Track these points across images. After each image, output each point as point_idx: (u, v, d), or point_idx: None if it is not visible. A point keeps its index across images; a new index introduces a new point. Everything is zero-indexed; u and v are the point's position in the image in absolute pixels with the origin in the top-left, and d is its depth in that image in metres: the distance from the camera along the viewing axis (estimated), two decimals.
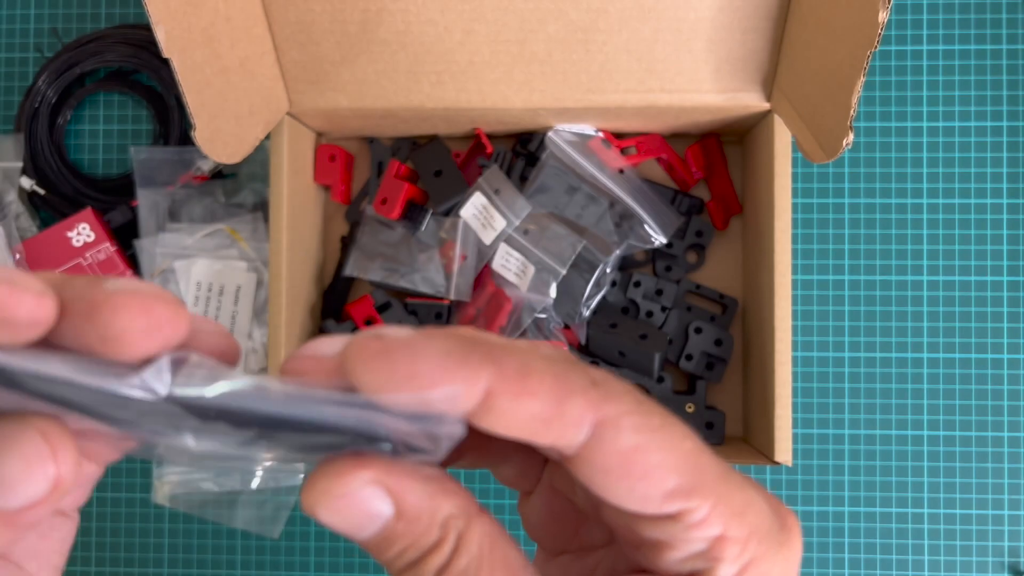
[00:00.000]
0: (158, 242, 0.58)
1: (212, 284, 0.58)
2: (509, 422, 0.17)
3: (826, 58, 0.40)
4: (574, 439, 0.17)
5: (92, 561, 0.61)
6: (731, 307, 0.56)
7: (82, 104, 0.62)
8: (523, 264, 0.53)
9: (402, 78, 0.49)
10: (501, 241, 0.54)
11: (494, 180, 0.55)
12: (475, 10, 0.46)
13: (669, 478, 0.18)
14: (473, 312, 0.55)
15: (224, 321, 0.58)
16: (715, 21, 0.46)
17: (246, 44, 0.45)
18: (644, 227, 0.54)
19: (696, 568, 0.19)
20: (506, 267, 0.54)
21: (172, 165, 0.59)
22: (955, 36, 0.59)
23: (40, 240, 0.58)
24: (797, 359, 0.59)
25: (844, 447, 0.58)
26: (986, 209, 0.59)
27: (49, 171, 0.60)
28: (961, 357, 0.58)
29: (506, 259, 0.54)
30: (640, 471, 0.18)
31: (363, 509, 0.17)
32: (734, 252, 0.58)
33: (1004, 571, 0.57)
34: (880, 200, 0.59)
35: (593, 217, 0.55)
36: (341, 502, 0.17)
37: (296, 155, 0.53)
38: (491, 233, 0.55)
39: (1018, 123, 0.59)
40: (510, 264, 0.54)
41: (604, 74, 0.48)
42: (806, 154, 0.44)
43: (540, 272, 0.53)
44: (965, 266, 0.58)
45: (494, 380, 0.16)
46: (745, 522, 0.19)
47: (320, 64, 0.49)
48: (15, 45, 0.63)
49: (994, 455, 0.58)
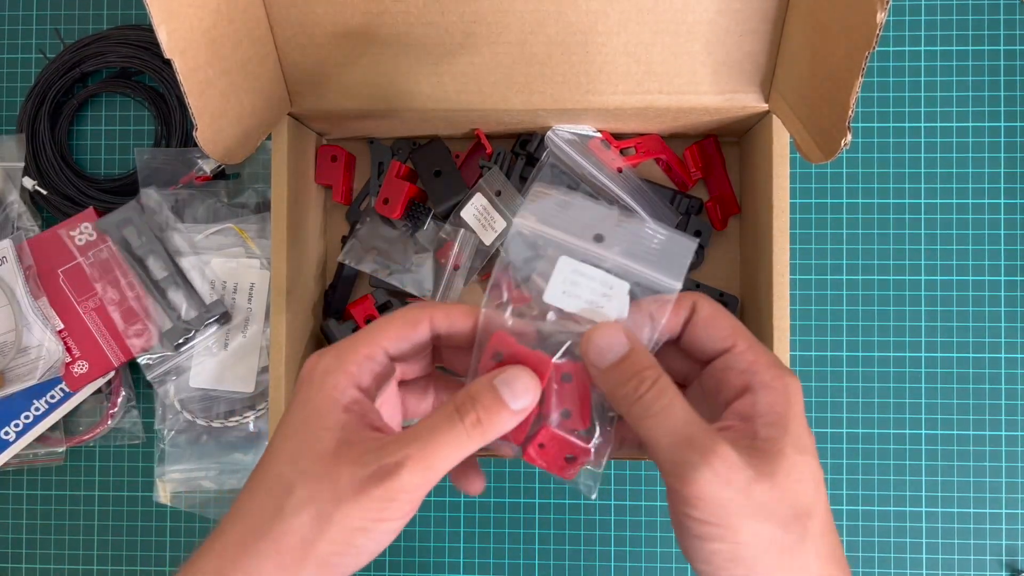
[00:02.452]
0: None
1: (227, 282, 0.59)
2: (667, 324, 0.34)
3: (824, 59, 0.41)
4: (685, 315, 0.34)
5: (94, 560, 0.61)
6: (731, 305, 0.56)
7: (84, 105, 0.62)
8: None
9: (403, 79, 0.49)
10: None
11: (495, 181, 0.55)
12: (475, 12, 0.46)
13: (726, 328, 0.34)
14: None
15: (239, 318, 0.59)
16: (713, 23, 0.46)
17: (248, 45, 0.45)
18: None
19: (746, 381, 0.32)
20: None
21: (174, 166, 0.59)
22: (953, 37, 0.59)
23: (42, 239, 0.59)
24: (796, 359, 0.59)
25: (843, 447, 0.59)
26: (984, 209, 0.59)
27: (51, 171, 0.60)
28: (960, 357, 0.58)
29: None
30: (713, 325, 0.34)
31: (615, 338, 0.32)
32: (732, 252, 0.58)
33: (1003, 570, 0.58)
34: (878, 200, 0.59)
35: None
36: (604, 330, 0.32)
37: (297, 155, 0.53)
38: (491, 234, 0.55)
39: (1016, 124, 0.59)
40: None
41: (603, 75, 0.49)
42: (804, 155, 0.44)
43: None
44: (964, 266, 0.59)
45: (650, 307, 0.34)
46: (768, 357, 0.33)
47: (321, 65, 0.49)
48: (18, 46, 0.63)
49: (992, 454, 0.58)
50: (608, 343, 0.32)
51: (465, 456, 0.32)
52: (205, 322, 0.57)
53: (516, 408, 0.32)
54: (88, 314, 0.58)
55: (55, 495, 0.62)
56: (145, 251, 0.58)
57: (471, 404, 0.32)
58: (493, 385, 0.32)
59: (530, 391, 0.32)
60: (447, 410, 0.32)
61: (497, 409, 0.32)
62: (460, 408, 0.32)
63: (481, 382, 0.33)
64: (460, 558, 0.60)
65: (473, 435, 0.31)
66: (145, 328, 0.58)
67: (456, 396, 0.33)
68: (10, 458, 0.59)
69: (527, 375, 0.33)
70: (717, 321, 0.34)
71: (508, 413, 0.32)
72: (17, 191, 0.60)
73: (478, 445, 0.32)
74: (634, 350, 0.32)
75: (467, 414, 0.32)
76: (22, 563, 0.61)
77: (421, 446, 0.31)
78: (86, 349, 0.58)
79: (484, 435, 0.32)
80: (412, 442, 0.31)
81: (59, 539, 0.61)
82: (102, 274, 0.58)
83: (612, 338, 0.32)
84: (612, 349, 0.32)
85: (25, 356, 0.58)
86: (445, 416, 0.32)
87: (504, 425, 0.32)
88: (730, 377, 0.33)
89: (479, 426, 0.32)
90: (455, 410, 0.32)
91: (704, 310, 0.34)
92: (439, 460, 0.31)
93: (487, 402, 0.32)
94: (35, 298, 0.58)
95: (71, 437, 0.61)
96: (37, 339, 0.57)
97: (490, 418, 0.32)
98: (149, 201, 0.58)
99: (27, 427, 0.58)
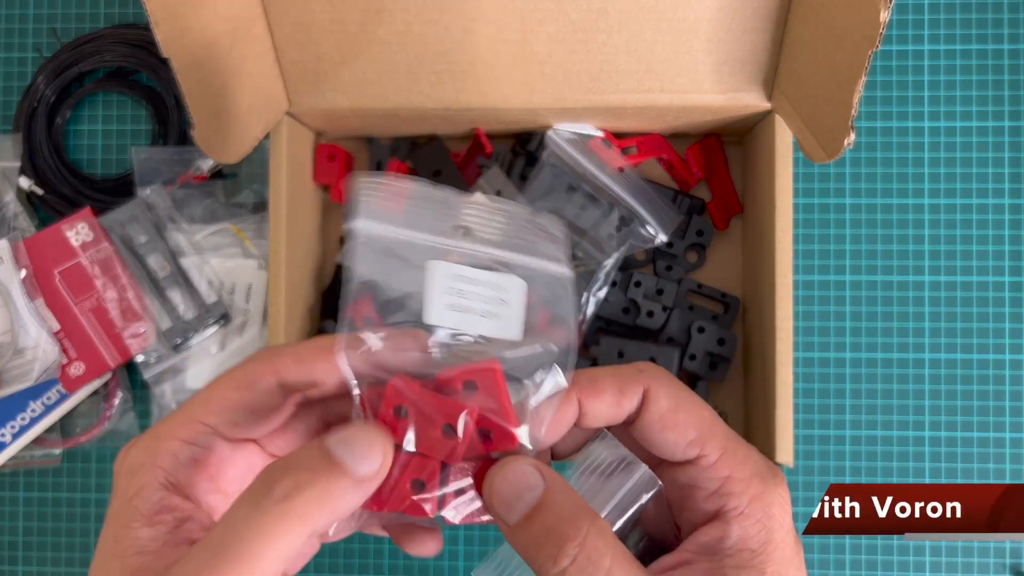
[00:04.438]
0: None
1: (224, 282, 0.58)
2: (596, 415, 0.26)
3: (827, 58, 0.40)
4: (630, 408, 0.26)
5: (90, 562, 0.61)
6: (733, 306, 0.56)
7: (81, 104, 0.62)
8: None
9: (402, 78, 0.49)
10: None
11: (495, 181, 0.55)
12: (475, 10, 0.46)
13: (690, 431, 0.26)
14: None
15: (236, 319, 0.59)
16: (715, 21, 0.46)
17: (245, 44, 0.45)
18: (645, 227, 0.54)
19: (718, 506, 0.26)
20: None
21: (171, 165, 0.59)
22: (956, 36, 0.59)
23: (39, 239, 0.58)
24: (797, 359, 0.58)
25: (845, 448, 0.58)
26: (987, 209, 0.58)
27: (47, 171, 0.60)
28: (962, 357, 0.58)
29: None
30: (671, 425, 0.26)
31: (525, 480, 0.24)
32: (734, 252, 0.57)
33: (1005, 572, 0.57)
34: (881, 200, 0.59)
35: (593, 218, 0.54)
36: (510, 470, 0.24)
37: (295, 155, 0.53)
38: None
39: (1019, 123, 0.58)
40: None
41: (604, 74, 0.48)
42: (807, 154, 0.43)
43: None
44: (966, 266, 0.58)
45: (580, 394, 0.26)
46: (747, 467, 0.26)
47: (319, 64, 0.49)
48: (14, 45, 0.63)
49: (995, 455, 0.58)
50: (514, 489, 0.24)
51: (288, 547, 0.22)
52: (205, 323, 0.57)
53: (360, 474, 0.23)
54: (85, 315, 0.58)
55: (51, 496, 0.61)
56: (148, 249, 0.58)
57: (283, 470, 0.23)
58: (323, 445, 0.24)
59: (375, 451, 0.24)
60: (251, 488, 0.23)
61: (327, 472, 0.23)
62: (268, 479, 0.23)
63: (305, 447, 0.24)
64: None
65: (287, 511, 0.22)
66: (144, 327, 0.58)
67: (265, 468, 0.24)
68: (6, 460, 0.59)
69: (371, 431, 0.24)
70: (677, 420, 0.26)
71: (344, 481, 0.23)
72: (13, 191, 0.60)
73: (301, 528, 0.22)
74: (551, 493, 0.24)
75: (276, 484, 0.22)
76: (19, 565, 0.61)
77: (211, 555, 0.21)
78: (82, 350, 0.58)
79: (307, 512, 0.22)
80: (201, 553, 0.22)
81: (55, 541, 0.61)
82: (102, 272, 0.58)
83: (520, 480, 0.24)
84: (521, 497, 0.24)
85: (21, 357, 0.57)
86: (247, 497, 0.23)
87: (341, 499, 0.23)
88: (695, 496, 0.26)
89: (294, 497, 0.22)
90: (260, 484, 0.23)
91: (659, 404, 0.26)
92: (242, 566, 0.21)
93: (309, 464, 0.23)
94: (31, 299, 0.57)
95: (67, 439, 0.60)
96: (33, 340, 0.57)
97: (313, 484, 0.22)
98: (153, 199, 0.58)
99: (23, 429, 0.58)
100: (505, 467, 0.25)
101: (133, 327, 0.58)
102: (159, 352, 0.58)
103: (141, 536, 0.24)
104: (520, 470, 0.25)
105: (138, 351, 0.58)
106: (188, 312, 0.57)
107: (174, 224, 0.58)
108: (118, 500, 0.25)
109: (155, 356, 0.58)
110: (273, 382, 0.26)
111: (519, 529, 0.24)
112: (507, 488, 0.24)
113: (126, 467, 0.25)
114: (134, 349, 0.58)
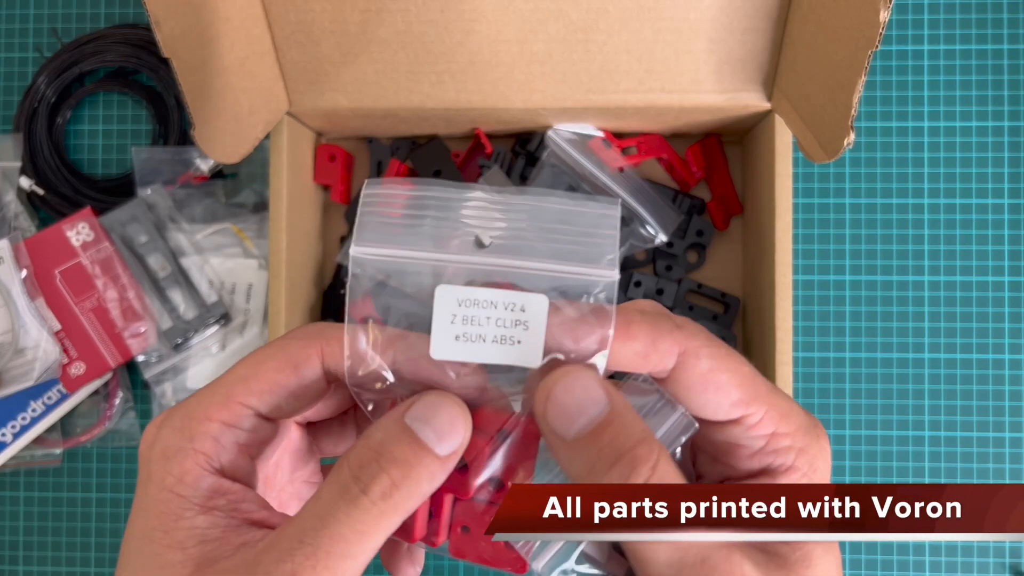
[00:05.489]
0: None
1: (224, 282, 0.58)
2: (620, 359, 0.23)
3: (827, 58, 0.40)
4: (666, 366, 0.24)
5: (91, 562, 0.61)
6: (733, 306, 0.56)
7: (81, 104, 0.62)
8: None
9: (402, 78, 0.49)
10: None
11: (495, 181, 0.55)
12: (475, 10, 0.46)
13: (733, 391, 0.24)
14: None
15: (237, 319, 0.59)
16: (716, 21, 0.46)
17: (246, 44, 0.45)
18: (645, 227, 0.54)
19: (763, 464, 0.24)
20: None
21: (172, 165, 0.59)
22: (956, 36, 0.59)
23: (39, 239, 0.58)
24: (797, 359, 0.58)
25: (845, 448, 0.58)
26: (987, 209, 0.58)
27: (48, 171, 0.60)
28: (962, 357, 0.58)
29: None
30: (713, 387, 0.24)
31: (589, 394, 0.22)
32: (734, 252, 0.57)
33: (1005, 572, 0.57)
34: (881, 200, 0.59)
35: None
36: (573, 381, 0.22)
37: (296, 155, 0.53)
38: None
39: (1019, 123, 0.58)
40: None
41: (604, 74, 0.48)
42: (807, 154, 0.43)
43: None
44: (966, 266, 0.58)
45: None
46: (790, 421, 0.24)
47: (320, 64, 0.49)
48: (14, 45, 0.63)
49: (995, 456, 0.58)
50: (577, 401, 0.22)
51: (381, 543, 0.22)
52: (205, 323, 0.57)
53: (443, 453, 0.23)
54: (85, 315, 0.58)
55: (52, 496, 0.61)
56: (148, 249, 0.58)
57: (375, 463, 0.22)
58: (405, 425, 0.23)
59: (458, 426, 0.23)
60: (340, 480, 0.22)
61: (417, 459, 0.22)
62: (360, 473, 0.22)
63: (384, 425, 0.23)
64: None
65: (386, 511, 0.22)
66: (144, 326, 0.58)
67: (350, 453, 0.22)
68: (7, 460, 0.59)
69: (449, 403, 0.23)
70: (720, 382, 0.24)
71: (434, 462, 0.22)
72: (14, 191, 0.60)
73: (396, 523, 0.22)
74: (617, 413, 0.22)
75: (373, 481, 0.22)
76: (19, 565, 0.61)
77: (310, 552, 0.21)
78: (83, 350, 0.58)
79: (402, 505, 0.22)
80: (296, 549, 0.21)
81: (56, 541, 0.61)
82: (102, 272, 0.58)
83: (583, 393, 0.22)
84: (584, 411, 0.22)
85: (22, 357, 0.57)
86: (338, 491, 0.22)
87: (430, 482, 0.22)
88: (737, 454, 0.25)
89: (392, 495, 0.22)
90: (352, 479, 0.22)
91: (700, 364, 0.24)
92: (342, 564, 0.21)
93: (400, 453, 0.22)
94: (32, 299, 0.57)
95: (68, 438, 0.60)
96: (34, 340, 0.57)
97: (407, 477, 0.22)
98: (153, 199, 0.58)
99: (24, 429, 0.58)
100: (568, 377, 0.22)
101: (133, 327, 0.58)
102: (160, 352, 0.58)
103: (198, 524, 0.22)
104: (584, 382, 0.22)
105: (138, 351, 0.58)
106: (188, 312, 0.57)
107: (174, 224, 0.58)
108: (154, 487, 0.23)
109: (156, 356, 0.58)
110: (319, 367, 0.24)
111: (580, 445, 0.22)
112: (569, 400, 0.22)
113: (158, 451, 0.23)
114: (135, 349, 0.58)
